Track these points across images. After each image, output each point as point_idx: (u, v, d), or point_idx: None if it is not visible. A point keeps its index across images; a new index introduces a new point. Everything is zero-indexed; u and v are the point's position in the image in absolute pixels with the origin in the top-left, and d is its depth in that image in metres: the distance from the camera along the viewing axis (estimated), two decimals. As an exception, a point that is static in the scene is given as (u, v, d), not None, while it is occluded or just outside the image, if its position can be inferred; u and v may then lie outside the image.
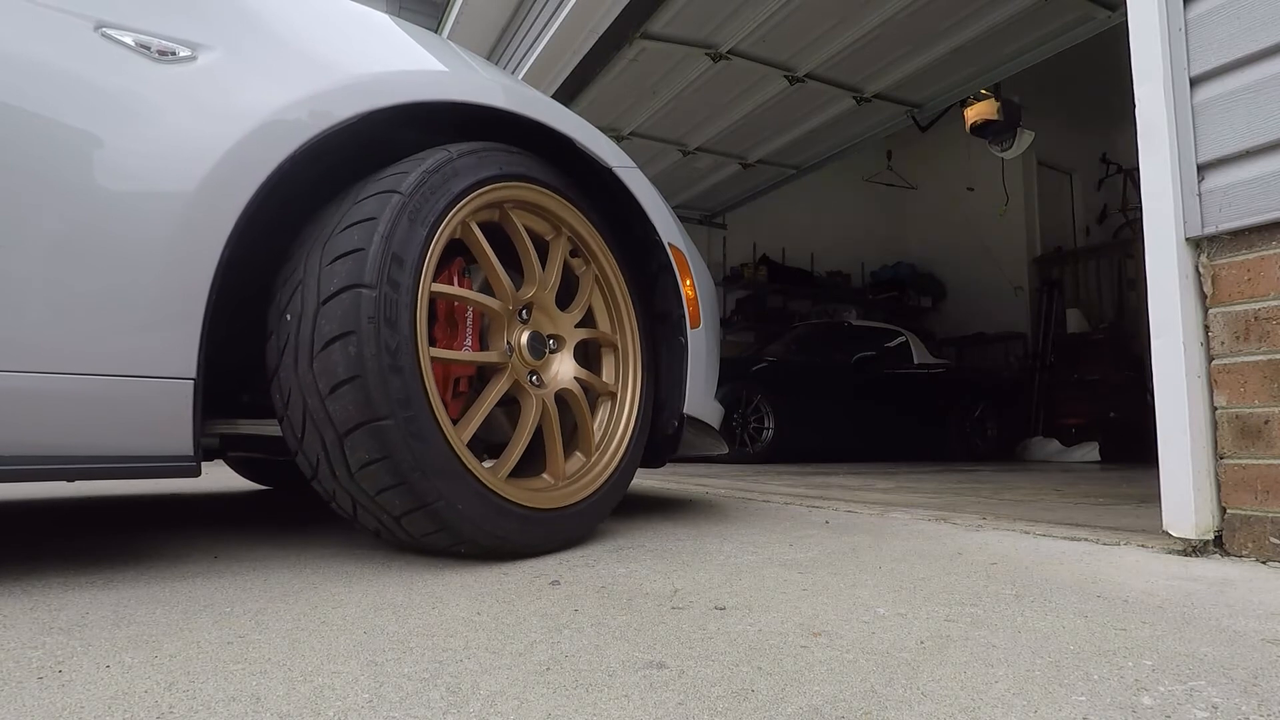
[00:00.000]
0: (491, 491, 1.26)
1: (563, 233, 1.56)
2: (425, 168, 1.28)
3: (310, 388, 1.16)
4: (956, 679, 0.76)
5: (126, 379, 1.07)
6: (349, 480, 1.19)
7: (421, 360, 1.21)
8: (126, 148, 1.08)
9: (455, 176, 1.32)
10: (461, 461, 1.23)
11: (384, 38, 1.40)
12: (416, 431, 1.17)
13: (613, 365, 1.66)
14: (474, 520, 1.23)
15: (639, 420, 1.63)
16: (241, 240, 1.15)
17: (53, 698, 0.69)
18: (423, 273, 1.25)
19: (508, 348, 1.42)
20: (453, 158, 1.33)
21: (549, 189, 1.50)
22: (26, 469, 1.03)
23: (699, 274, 1.82)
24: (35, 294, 1.01)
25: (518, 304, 1.45)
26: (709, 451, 2.00)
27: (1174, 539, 1.46)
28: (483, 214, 1.41)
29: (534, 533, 1.33)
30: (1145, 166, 1.54)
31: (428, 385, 1.21)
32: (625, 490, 1.61)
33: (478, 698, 0.70)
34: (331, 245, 1.21)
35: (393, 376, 1.15)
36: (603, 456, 1.56)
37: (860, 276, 10.75)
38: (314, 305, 1.17)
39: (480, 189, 1.36)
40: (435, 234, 1.27)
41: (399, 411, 1.15)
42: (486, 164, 1.38)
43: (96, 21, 1.10)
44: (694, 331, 1.73)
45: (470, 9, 5.56)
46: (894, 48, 5.44)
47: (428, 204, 1.26)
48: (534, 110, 1.50)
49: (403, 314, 1.19)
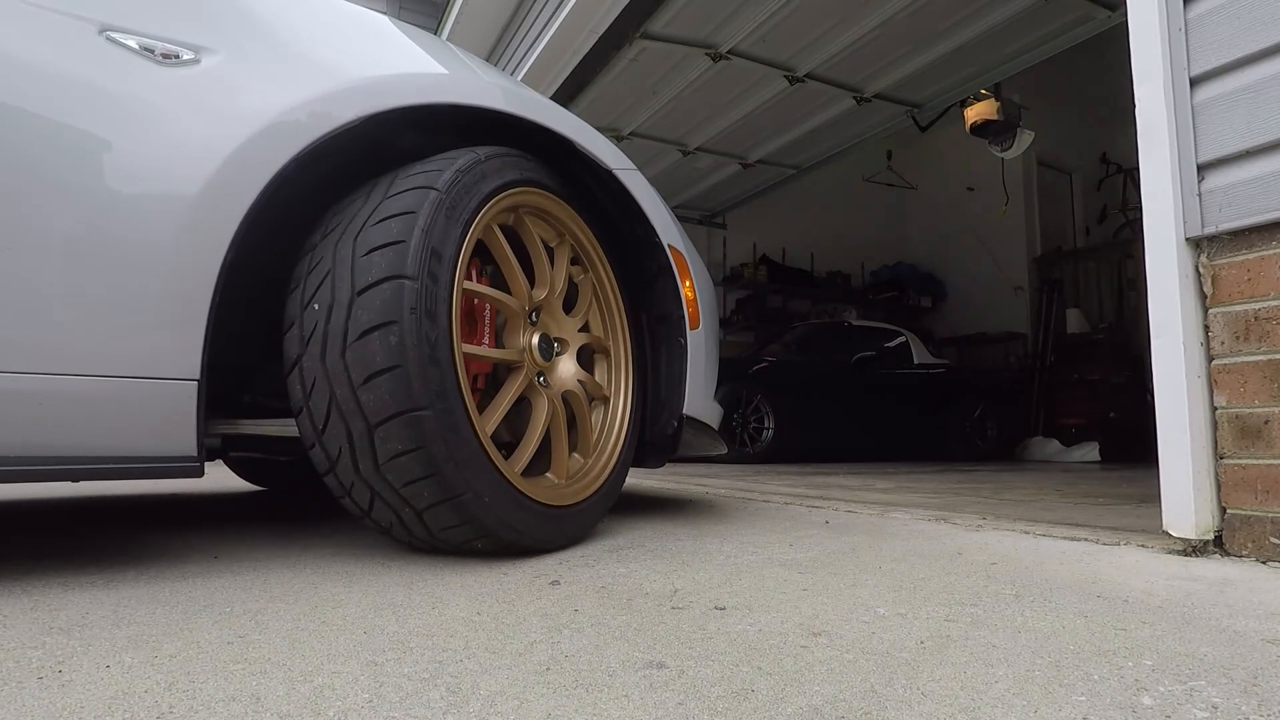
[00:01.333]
0: (513, 485, 1.28)
1: (566, 239, 1.59)
2: (459, 166, 1.30)
3: (340, 378, 1.16)
4: (956, 679, 0.76)
5: (130, 380, 1.07)
6: (373, 472, 1.19)
7: (456, 354, 1.23)
8: (130, 150, 1.08)
9: (485, 178, 1.34)
10: (488, 455, 1.24)
11: (385, 40, 1.41)
12: (451, 424, 1.18)
13: (605, 369, 1.69)
14: (497, 513, 1.24)
15: (630, 423, 1.67)
16: (245, 242, 1.15)
17: (53, 698, 0.69)
18: (458, 268, 1.26)
19: (522, 348, 1.44)
20: (481, 160, 1.35)
21: (555, 194, 1.53)
22: (30, 469, 1.03)
23: (698, 275, 1.82)
24: (38, 295, 1.01)
25: (530, 306, 1.47)
26: (709, 452, 2.00)
27: (1174, 539, 1.46)
28: (502, 216, 1.43)
29: (547, 528, 1.35)
30: (1145, 166, 1.54)
31: (461, 379, 1.23)
32: (620, 491, 1.63)
33: (478, 698, 0.70)
34: (366, 236, 1.21)
35: (431, 368, 1.17)
36: (600, 457, 1.58)
37: (860, 276, 10.75)
38: (347, 295, 1.17)
39: (504, 192, 1.39)
40: (469, 231, 1.29)
41: (436, 403, 1.16)
42: (509, 168, 1.41)
43: (101, 25, 1.10)
44: (693, 333, 1.73)
45: (470, 9, 5.57)
46: (894, 48, 5.44)
47: (462, 202, 1.29)
48: (533, 112, 1.50)
49: (440, 307, 1.21)
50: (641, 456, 1.77)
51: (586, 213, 1.63)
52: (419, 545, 1.33)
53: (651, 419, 1.74)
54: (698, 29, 5.20)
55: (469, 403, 1.23)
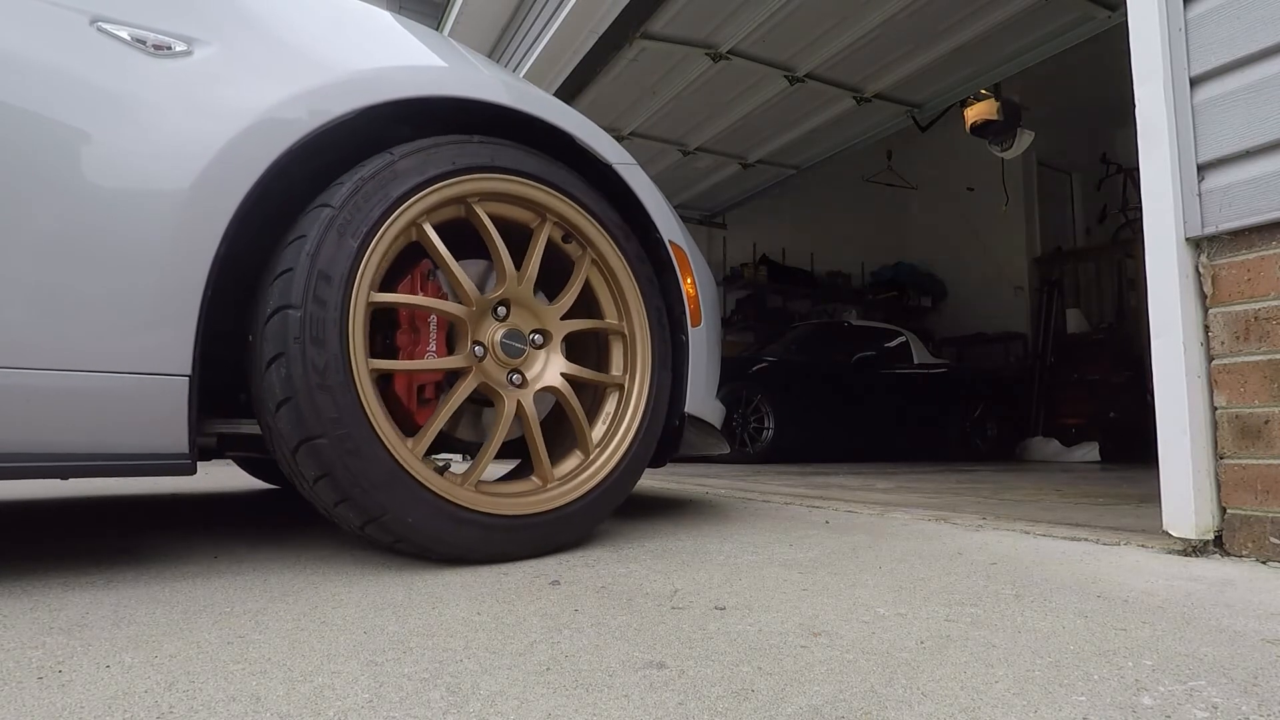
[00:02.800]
0: (448, 502, 1.25)
1: (547, 220, 1.49)
2: (361, 175, 1.26)
3: (264, 406, 1.18)
4: (956, 679, 0.76)
5: (119, 375, 1.06)
6: (311, 494, 1.21)
7: (357, 375, 1.20)
8: (122, 142, 1.08)
9: (394, 180, 1.28)
10: (409, 473, 1.21)
11: (382, 34, 1.40)
12: (352, 448, 1.16)
13: (621, 356, 1.59)
14: (429, 531, 1.23)
15: (648, 414, 1.56)
16: (239, 236, 1.15)
17: (53, 698, 0.69)
18: (354, 286, 1.22)
19: (477, 349, 1.39)
20: (394, 160, 1.30)
21: (527, 178, 1.44)
22: (16, 466, 1.02)
23: (700, 272, 1.81)
24: (27, 288, 1.01)
25: (485, 304, 1.41)
26: (710, 451, 1.99)
27: (1174, 539, 1.46)
28: (442, 212, 1.37)
29: (498, 541, 1.31)
30: (1145, 166, 1.54)
31: (364, 400, 1.20)
32: (628, 490, 1.54)
33: (478, 698, 0.70)
34: (273, 264, 1.22)
35: (321, 395, 1.15)
36: (603, 453, 1.51)
37: (860, 276, 10.75)
38: (260, 326, 1.19)
39: (428, 188, 1.32)
40: (369, 244, 1.25)
41: (331, 430, 1.15)
42: (435, 161, 1.33)
43: (92, 16, 1.10)
44: (695, 330, 1.71)
45: (470, 9, 5.56)
46: (894, 48, 5.44)
47: (360, 214, 1.24)
48: (533, 106, 1.49)
49: (330, 331, 1.18)
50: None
51: (591, 199, 1.54)
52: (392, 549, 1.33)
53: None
54: (698, 29, 5.20)
55: (377, 423, 1.20)
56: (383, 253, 1.28)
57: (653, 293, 1.63)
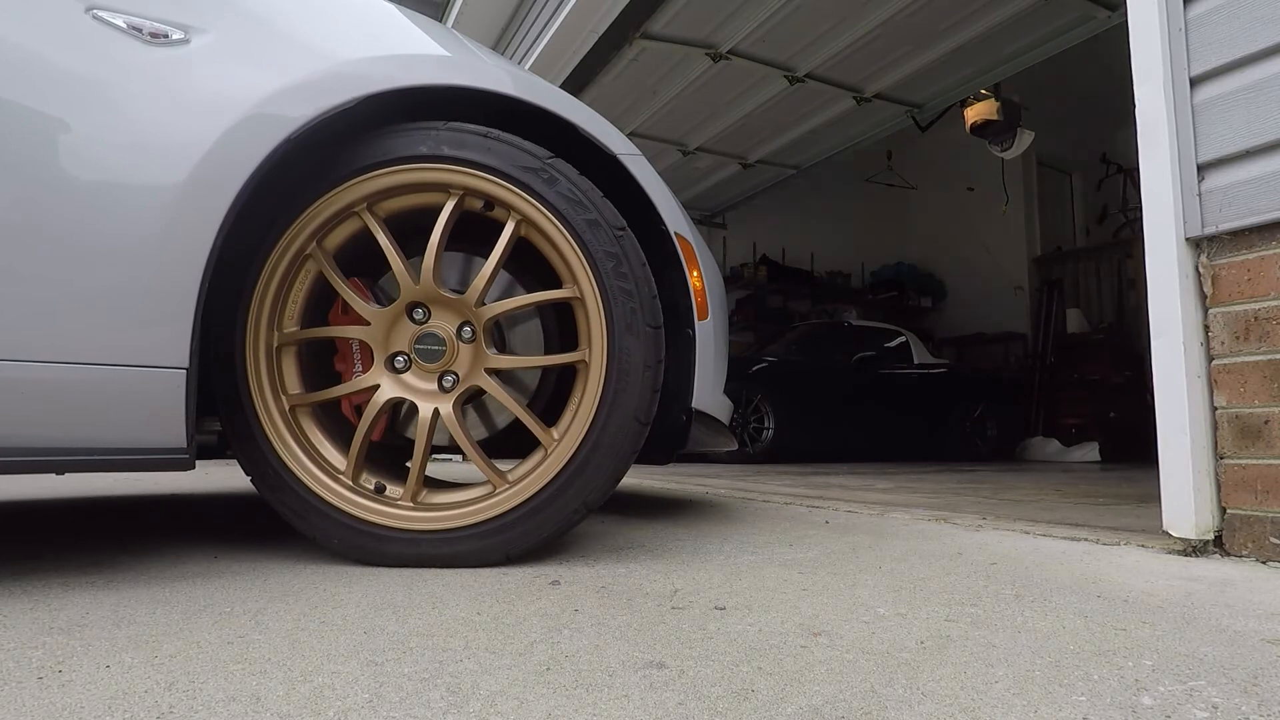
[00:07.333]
0: (366, 522, 1.29)
1: (450, 194, 1.34)
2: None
3: None
4: (956, 679, 0.76)
5: (115, 367, 1.06)
6: None
7: (265, 418, 1.31)
8: (118, 130, 1.07)
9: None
10: (322, 503, 1.29)
11: (383, 22, 1.38)
12: (275, 484, 1.30)
13: (584, 330, 1.39)
14: (357, 548, 1.30)
15: (609, 387, 1.32)
16: (236, 228, 1.15)
17: (53, 698, 0.69)
18: (247, 328, 1.30)
19: (399, 360, 1.36)
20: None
21: (425, 161, 1.32)
22: (12, 460, 1.01)
23: (707, 266, 1.76)
24: (23, 280, 1.00)
25: (392, 315, 1.35)
26: (718, 448, 1.96)
27: (1174, 539, 1.46)
28: (334, 235, 1.34)
29: (427, 554, 1.29)
30: (1145, 166, 1.54)
31: (274, 439, 1.31)
32: (600, 485, 1.30)
33: (478, 698, 0.70)
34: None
35: (246, 443, 1.30)
36: (560, 445, 1.32)
37: (860, 276, 10.74)
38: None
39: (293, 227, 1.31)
40: (257, 280, 1.30)
41: (259, 470, 1.30)
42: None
43: (88, 3, 1.09)
44: (702, 323, 1.66)
45: (470, 9, 5.56)
46: (894, 48, 5.44)
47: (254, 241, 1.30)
48: (538, 96, 1.45)
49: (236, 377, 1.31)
50: (648, 451, 1.66)
51: (511, 160, 1.34)
52: None
53: (659, 412, 1.63)
54: (698, 29, 5.20)
55: (290, 459, 1.30)
56: (278, 282, 1.31)
57: (601, 240, 1.36)
